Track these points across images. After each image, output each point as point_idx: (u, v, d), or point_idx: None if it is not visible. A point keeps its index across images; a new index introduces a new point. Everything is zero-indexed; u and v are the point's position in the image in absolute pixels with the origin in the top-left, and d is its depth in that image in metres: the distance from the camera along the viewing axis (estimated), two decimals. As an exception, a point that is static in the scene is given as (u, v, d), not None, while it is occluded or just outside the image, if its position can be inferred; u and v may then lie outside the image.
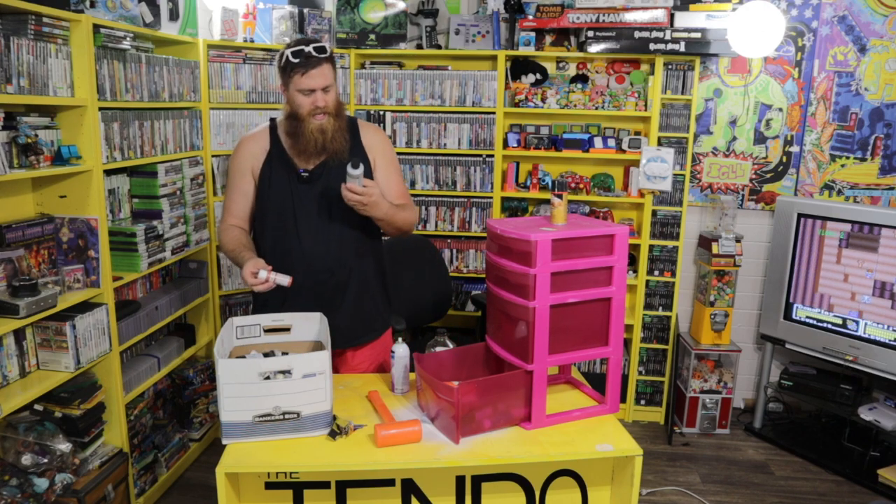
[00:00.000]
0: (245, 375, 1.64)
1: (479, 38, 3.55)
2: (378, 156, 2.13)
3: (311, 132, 1.98)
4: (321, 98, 1.96)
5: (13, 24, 2.05)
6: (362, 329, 2.18)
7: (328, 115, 1.99)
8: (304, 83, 1.95)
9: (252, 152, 2.09)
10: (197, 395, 3.17)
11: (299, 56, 1.92)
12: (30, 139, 2.10)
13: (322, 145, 2.00)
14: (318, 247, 2.05)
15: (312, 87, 1.95)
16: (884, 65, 3.46)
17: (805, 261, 3.35)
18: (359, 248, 2.11)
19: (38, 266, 2.28)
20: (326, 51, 1.97)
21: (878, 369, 3.11)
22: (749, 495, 3.01)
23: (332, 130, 2.00)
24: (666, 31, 3.28)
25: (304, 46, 1.93)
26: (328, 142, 2.00)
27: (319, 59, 1.94)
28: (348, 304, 2.11)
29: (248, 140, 2.12)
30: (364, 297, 2.15)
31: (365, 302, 2.15)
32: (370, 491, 1.75)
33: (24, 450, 2.14)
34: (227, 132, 3.20)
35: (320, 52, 1.94)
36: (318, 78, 1.94)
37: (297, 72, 1.93)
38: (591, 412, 1.84)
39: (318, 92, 1.96)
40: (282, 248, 2.06)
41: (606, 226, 1.81)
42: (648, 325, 3.63)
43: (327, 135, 1.99)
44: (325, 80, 1.96)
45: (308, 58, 1.92)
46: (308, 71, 1.93)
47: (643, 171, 3.38)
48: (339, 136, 2.02)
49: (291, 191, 2.04)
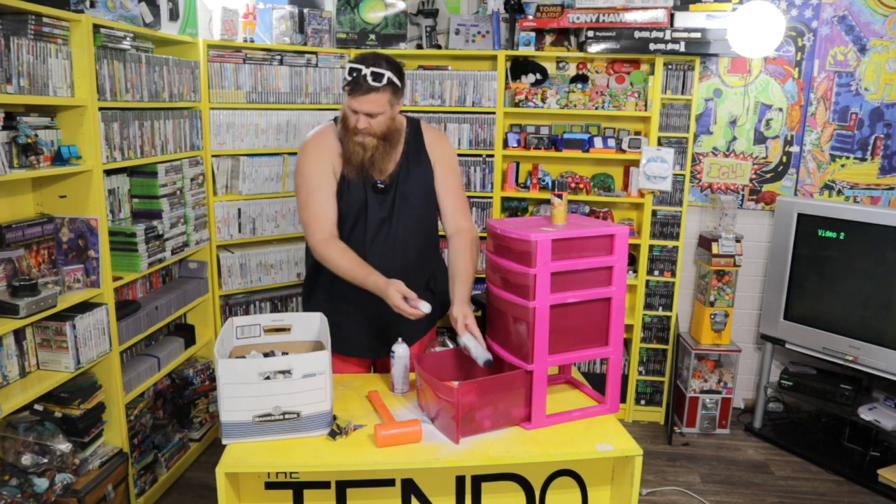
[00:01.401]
0: (245, 375, 1.64)
1: (479, 38, 3.55)
2: (438, 162, 2.12)
3: (353, 144, 1.98)
4: (363, 120, 1.94)
5: (13, 24, 2.05)
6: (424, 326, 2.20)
7: (372, 136, 1.97)
8: (350, 103, 1.94)
9: (329, 154, 2.05)
10: (197, 395, 3.17)
11: (353, 75, 1.90)
12: (30, 139, 2.10)
13: (361, 161, 1.99)
14: (387, 253, 2.06)
15: (356, 109, 1.93)
16: (884, 65, 3.46)
17: (805, 261, 3.35)
18: (423, 252, 2.14)
19: (38, 266, 2.28)
20: (382, 79, 1.90)
21: (878, 369, 3.11)
22: (749, 495, 3.01)
23: (372, 150, 1.98)
24: (666, 31, 3.28)
25: (364, 68, 1.89)
26: (367, 160, 1.98)
27: (369, 86, 1.89)
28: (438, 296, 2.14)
29: (319, 139, 2.08)
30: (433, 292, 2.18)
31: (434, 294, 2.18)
32: (370, 491, 1.75)
33: (24, 450, 2.14)
34: (227, 132, 3.20)
35: (375, 80, 1.89)
36: (364, 104, 1.92)
37: (346, 89, 1.92)
38: (591, 412, 1.84)
39: (361, 115, 1.94)
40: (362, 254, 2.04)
41: (606, 226, 1.81)
42: (648, 325, 3.63)
43: (367, 153, 1.98)
44: (371, 107, 1.92)
45: (357, 82, 1.89)
46: (355, 94, 1.91)
47: (643, 171, 3.38)
48: (380, 158, 2.00)
49: (367, 198, 2.04)
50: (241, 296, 3.40)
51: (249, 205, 3.30)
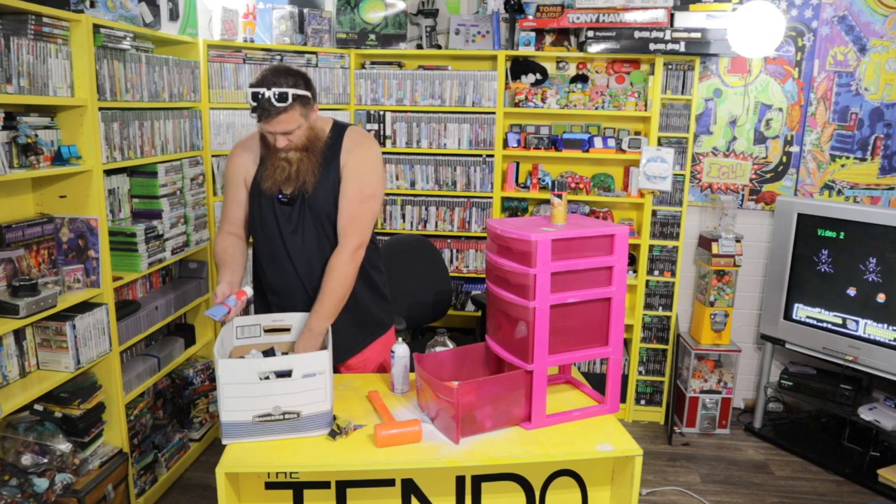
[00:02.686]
0: (245, 375, 1.64)
1: (479, 38, 3.55)
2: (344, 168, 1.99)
3: (278, 160, 1.94)
4: (281, 140, 1.89)
5: (13, 24, 2.05)
6: (361, 336, 2.15)
7: (295, 150, 1.93)
8: (262, 127, 1.89)
9: (244, 163, 2.06)
10: (197, 395, 3.17)
11: (257, 100, 1.82)
12: (30, 139, 2.10)
13: (287, 175, 1.95)
14: (304, 265, 2.02)
15: (270, 131, 1.89)
16: (884, 65, 3.46)
17: (805, 261, 3.35)
18: None
19: (38, 266, 2.28)
20: (287, 98, 1.82)
21: (878, 369, 3.11)
22: (749, 495, 3.01)
23: (297, 163, 1.93)
24: (666, 31, 3.28)
25: (266, 90, 1.81)
26: (293, 173, 1.94)
27: (277, 108, 1.81)
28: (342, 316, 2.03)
29: (240, 148, 2.09)
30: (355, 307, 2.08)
31: (357, 311, 2.10)
32: (370, 491, 1.75)
33: (24, 450, 2.14)
34: (227, 132, 3.20)
35: (280, 100, 1.81)
36: (276, 125, 1.86)
37: (254, 116, 1.86)
38: (591, 412, 1.84)
39: (277, 134, 1.89)
40: (274, 264, 2.06)
41: (606, 226, 1.81)
42: (648, 325, 3.63)
43: (293, 166, 1.94)
44: (283, 126, 1.86)
45: (263, 107, 1.82)
46: (264, 118, 1.84)
47: (643, 171, 3.38)
48: (306, 170, 1.94)
49: (275, 211, 2.01)
50: (241, 296, 3.40)
51: (249, 205, 3.29)
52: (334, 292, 1.94)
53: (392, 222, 3.68)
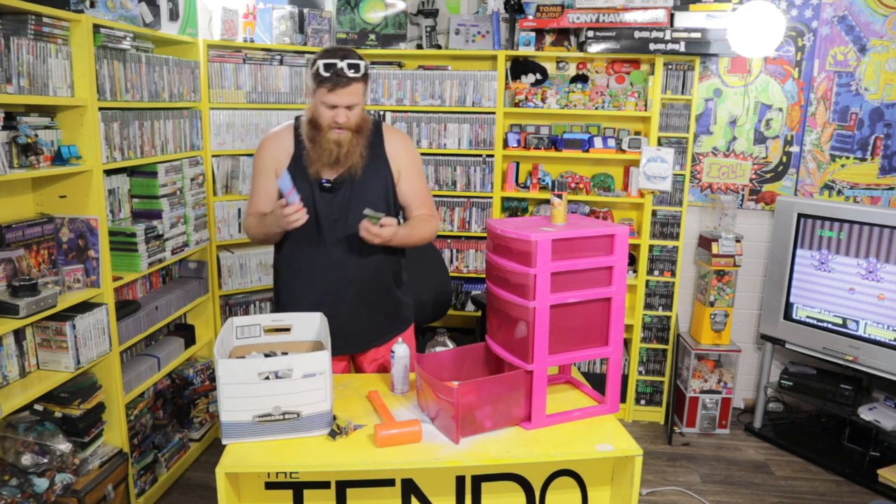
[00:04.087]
0: (245, 375, 1.64)
1: (479, 38, 3.55)
2: (402, 165, 2.10)
3: (328, 143, 1.96)
4: (342, 114, 1.93)
5: (13, 24, 2.05)
6: (389, 327, 2.18)
7: (348, 130, 1.97)
8: (329, 99, 1.91)
9: (275, 154, 2.06)
10: (197, 395, 3.17)
11: (330, 70, 1.87)
12: (30, 139, 2.10)
13: (336, 157, 1.98)
14: (340, 253, 2.04)
15: (336, 104, 1.92)
16: (884, 65, 3.46)
17: (805, 261, 3.36)
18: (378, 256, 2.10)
19: (38, 266, 2.28)
20: (360, 69, 1.90)
21: (878, 369, 3.11)
22: (749, 495, 3.01)
23: (348, 145, 1.97)
24: (666, 31, 3.28)
25: (338, 61, 1.87)
26: (342, 155, 1.97)
27: (350, 78, 1.88)
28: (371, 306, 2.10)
29: (271, 140, 2.09)
30: (385, 298, 2.15)
31: (386, 302, 2.15)
32: (370, 491, 1.75)
33: (24, 450, 2.14)
34: (227, 132, 3.20)
35: (353, 70, 1.89)
36: (344, 97, 1.90)
37: (325, 86, 1.89)
38: (591, 412, 1.84)
39: (340, 108, 1.93)
40: (305, 254, 2.06)
41: (606, 226, 1.81)
42: (648, 325, 3.63)
43: (343, 148, 1.97)
44: (351, 98, 1.92)
45: (338, 75, 1.87)
46: (336, 89, 1.89)
47: (643, 171, 3.38)
48: (355, 151, 1.99)
49: (314, 198, 2.02)
50: (241, 296, 3.40)
51: (249, 205, 3.29)
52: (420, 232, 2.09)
53: (392, 222, 3.68)
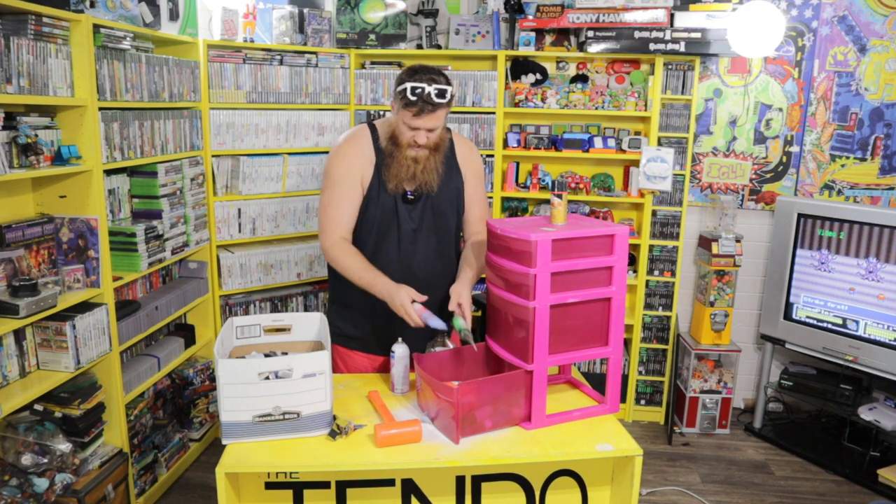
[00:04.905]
0: (245, 375, 1.64)
1: (479, 38, 3.55)
2: (470, 174, 2.14)
3: (405, 159, 1.97)
4: (423, 136, 1.94)
5: (13, 24, 2.05)
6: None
7: (427, 147, 1.98)
8: (413, 122, 1.92)
9: (361, 162, 2.04)
10: (197, 395, 3.17)
11: (417, 95, 1.87)
12: (30, 139, 2.10)
13: (412, 174, 1.99)
14: (417, 263, 2.06)
15: (420, 127, 1.93)
16: (884, 65, 3.46)
17: (805, 260, 3.36)
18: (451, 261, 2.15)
19: (38, 266, 2.28)
20: (446, 96, 1.90)
21: (878, 369, 3.11)
22: (749, 495, 3.01)
23: (424, 162, 1.99)
24: (666, 31, 3.28)
25: (427, 86, 1.87)
26: (419, 172, 1.99)
27: (437, 104, 1.89)
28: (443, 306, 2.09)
29: (353, 147, 2.06)
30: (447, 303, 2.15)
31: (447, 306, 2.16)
32: (370, 491, 1.75)
33: (24, 450, 2.14)
34: (227, 132, 3.20)
35: (440, 97, 1.89)
36: (428, 122, 1.92)
37: (410, 109, 1.89)
38: (591, 412, 1.84)
39: (422, 131, 1.94)
40: (384, 261, 2.05)
41: (606, 226, 1.81)
42: (648, 325, 3.63)
43: (419, 165, 1.98)
44: (434, 122, 1.93)
45: (425, 101, 1.87)
46: (422, 114, 1.89)
47: (643, 171, 3.38)
48: (431, 168, 2.01)
49: (397, 209, 2.03)
50: (241, 296, 3.40)
51: (249, 205, 3.30)
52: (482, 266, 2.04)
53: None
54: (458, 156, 2.13)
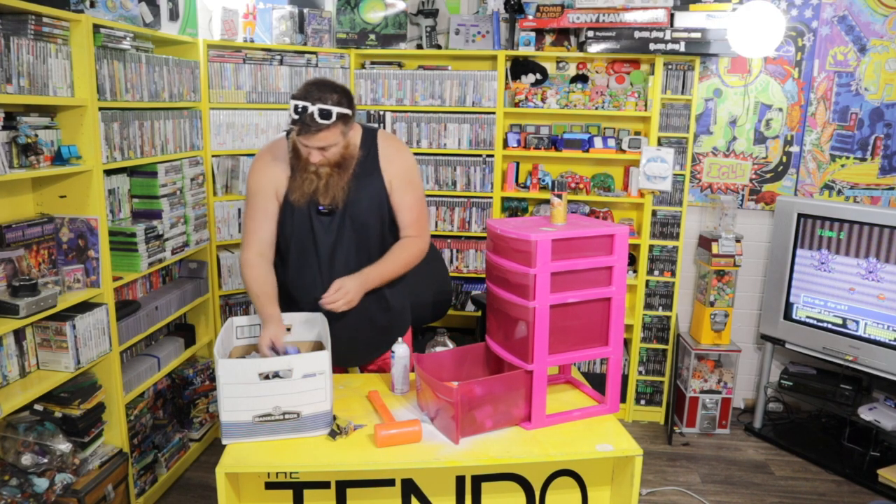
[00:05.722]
0: (245, 375, 1.64)
1: (479, 38, 3.55)
2: (394, 179, 2.02)
3: (307, 174, 1.90)
4: (316, 155, 1.85)
5: (13, 24, 2.05)
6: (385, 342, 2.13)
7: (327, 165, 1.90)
8: (300, 140, 1.84)
9: (275, 173, 1.99)
10: (197, 395, 3.17)
11: (300, 115, 1.78)
12: (30, 139, 2.10)
13: (315, 188, 1.91)
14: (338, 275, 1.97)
15: (306, 145, 1.84)
16: (884, 65, 3.45)
17: (805, 260, 3.35)
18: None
19: (38, 266, 2.28)
20: (331, 116, 1.79)
21: (878, 369, 3.11)
22: (749, 495, 3.01)
23: (326, 177, 1.90)
24: (666, 31, 3.28)
25: (310, 105, 1.77)
26: (321, 187, 1.91)
27: (319, 125, 1.78)
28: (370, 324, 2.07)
29: (268, 157, 2.01)
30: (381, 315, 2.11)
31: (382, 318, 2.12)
32: (370, 491, 1.75)
33: (24, 450, 2.14)
34: (227, 132, 3.20)
35: (324, 118, 1.78)
36: (315, 142, 1.82)
37: (294, 126, 1.81)
38: (591, 412, 1.84)
39: (313, 150, 1.85)
40: (303, 278, 2.03)
41: (606, 226, 1.81)
42: (648, 325, 3.63)
43: (321, 180, 1.90)
44: (322, 142, 1.83)
45: (306, 123, 1.78)
46: (304, 134, 1.81)
47: (643, 171, 3.38)
48: (336, 185, 1.91)
49: (312, 222, 1.98)
50: (241, 296, 3.40)
51: (249, 205, 3.29)
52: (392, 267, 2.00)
53: (392, 222, 3.67)
54: (381, 159, 2.00)
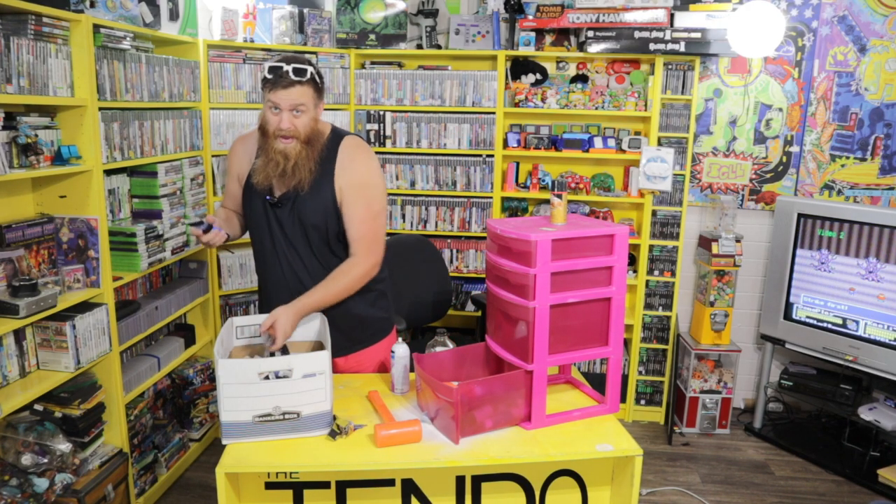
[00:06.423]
0: (245, 375, 1.64)
1: (479, 38, 3.55)
2: (344, 184, 1.93)
3: (274, 153, 1.87)
4: (286, 119, 1.83)
5: (13, 24, 2.05)
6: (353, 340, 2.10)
7: (296, 139, 1.86)
8: (270, 97, 1.84)
9: (240, 158, 2.05)
10: (197, 395, 3.17)
11: (274, 73, 1.82)
12: (30, 139, 2.10)
13: (283, 170, 1.88)
14: (287, 269, 1.99)
15: (277, 103, 1.83)
16: (884, 65, 3.45)
17: (805, 260, 3.36)
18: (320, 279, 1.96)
19: (38, 266, 2.28)
20: (306, 74, 1.83)
21: (878, 369, 3.11)
22: (749, 495, 3.01)
23: (295, 157, 1.86)
24: (666, 31, 3.28)
25: (284, 65, 1.81)
26: (289, 168, 1.88)
27: (292, 80, 1.81)
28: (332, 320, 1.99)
29: (238, 143, 2.09)
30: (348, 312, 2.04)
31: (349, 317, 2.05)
32: (370, 491, 1.75)
33: (24, 450, 2.14)
34: (227, 132, 3.20)
35: (298, 75, 1.81)
36: (285, 97, 1.82)
37: (267, 86, 1.84)
38: (591, 412, 1.84)
39: (284, 112, 1.84)
40: (263, 267, 2.06)
41: (606, 226, 1.80)
42: (648, 325, 3.63)
43: (290, 161, 1.87)
44: (293, 99, 1.83)
45: (280, 76, 1.81)
46: (276, 89, 1.82)
47: (643, 171, 3.38)
48: (303, 166, 1.88)
49: (266, 213, 1.98)
50: (241, 296, 3.40)
51: (249, 205, 3.29)
52: (331, 293, 1.93)
53: (392, 222, 3.68)
54: (336, 164, 1.94)
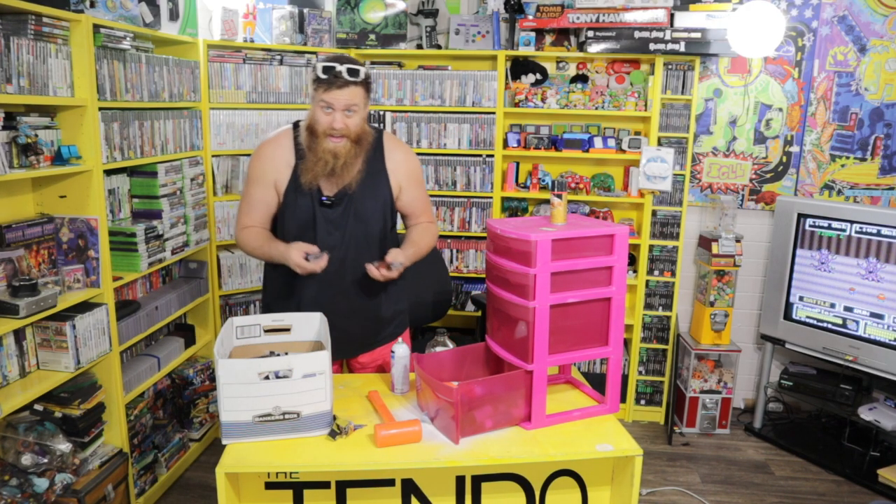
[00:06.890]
0: (245, 375, 1.64)
1: (479, 38, 3.55)
2: (403, 180, 2.06)
3: (324, 152, 1.90)
4: (339, 119, 1.87)
5: (13, 24, 2.05)
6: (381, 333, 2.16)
7: (347, 138, 1.90)
8: (324, 97, 1.87)
9: (276, 165, 1.99)
10: (197, 395, 3.17)
11: (328, 73, 1.86)
12: (30, 139, 2.10)
13: (332, 169, 1.91)
14: (337, 271, 2.00)
15: (331, 103, 1.87)
16: (884, 65, 3.45)
17: (805, 260, 3.35)
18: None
19: (38, 266, 2.28)
20: (359, 75, 1.88)
21: (878, 369, 3.11)
22: (749, 495, 3.01)
23: (345, 156, 1.91)
24: (666, 31, 3.28)
25: (338, 65, 1.86)
26: (339, 167, 1.91)
27: (347, 81, 1.85)
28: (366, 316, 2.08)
29: (271, 148, 2.02)
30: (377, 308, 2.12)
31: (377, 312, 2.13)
32: (370, 491, 1.75)
33: (24, 450, 2.14)
34: (227, 132, 3.20)
35: (352, 75, 1.86)
36: (340, 98, 1.86)
37: (321, 86, 1.87)
38: (591, 412, 1.84)
39: (337, 112, 1.88)
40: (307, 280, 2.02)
41: (606, 226, 1.81)
42: (648, 325, 3.63)
43: (339, 160, 1.90)
44: (347, 100, 1.87)
45: (336, 76, 1.85)
46: (331, 89, 1.85)
47: (643, 171, 3.38)
48: (352, 164, 1.93)
49: (315, 214, 1.98)
50: (241, 296, 3.40)
51: (249, 205, 3.29)
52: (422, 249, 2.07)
53: (392, 222, 3.68)
54: (389, 164, 2.03)
